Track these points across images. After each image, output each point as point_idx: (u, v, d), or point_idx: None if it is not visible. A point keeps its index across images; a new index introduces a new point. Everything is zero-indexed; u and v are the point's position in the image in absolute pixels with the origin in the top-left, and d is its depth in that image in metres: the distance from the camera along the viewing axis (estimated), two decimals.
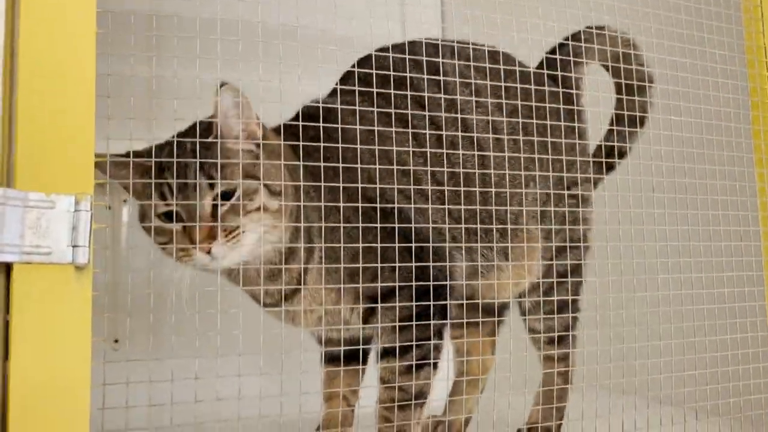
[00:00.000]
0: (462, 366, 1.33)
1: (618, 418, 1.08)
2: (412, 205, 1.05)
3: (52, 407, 0.76)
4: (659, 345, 1.14)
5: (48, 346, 0.75)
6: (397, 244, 0.99)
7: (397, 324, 1.03)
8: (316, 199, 1.01)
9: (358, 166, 1.00)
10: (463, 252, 1.08)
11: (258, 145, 0.99)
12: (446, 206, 1.07)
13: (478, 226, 1.08)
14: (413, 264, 1.01)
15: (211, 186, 0.94)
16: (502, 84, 1.13)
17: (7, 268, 0.75)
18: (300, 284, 1.02)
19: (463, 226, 1.08)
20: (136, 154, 0.95)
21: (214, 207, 0.94)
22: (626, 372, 1.09)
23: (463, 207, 1.07)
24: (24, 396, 0.75)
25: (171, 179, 0.93)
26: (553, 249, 1.18)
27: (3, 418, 0.76)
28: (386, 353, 1.05)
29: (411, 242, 1.02)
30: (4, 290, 0.76)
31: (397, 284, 1.01)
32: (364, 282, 1.00)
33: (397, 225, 1.01)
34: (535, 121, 1.11)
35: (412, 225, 1.04)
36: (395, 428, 1.01)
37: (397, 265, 0.99)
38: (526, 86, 1.14)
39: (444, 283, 1.05)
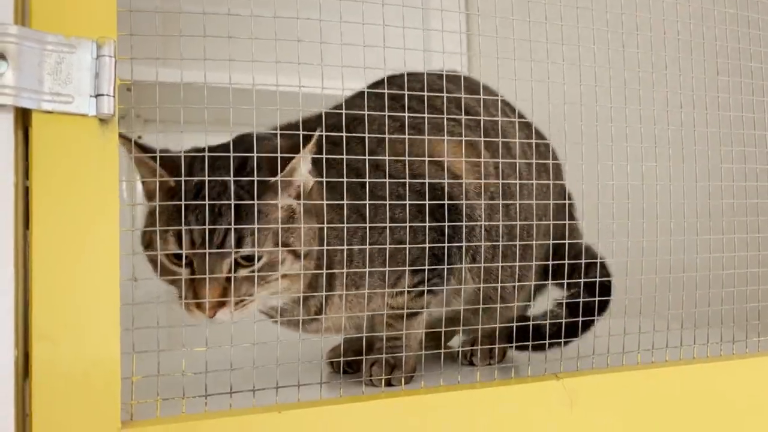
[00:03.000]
0: None
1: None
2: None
3: (78, 278, 0.69)
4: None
5: (72, 208, 0.69)
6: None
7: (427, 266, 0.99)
8: (336, 221, 0.92)
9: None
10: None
11: (298, 203, 0.89)
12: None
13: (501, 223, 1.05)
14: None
15: (238, 245, 0.81)
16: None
17: (25, 122, 0.68)
18: (319, 314, 0.96)
19: (483, 202, 1.04)
20: (166, 158, 0.82)
21: (230, 269, 0.82)
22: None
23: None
24: (47, 268, 0.68)
25: (195, 223, 0.80)
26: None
27: (26, 290, 0.69)
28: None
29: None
30: (23, 152, 0.69)
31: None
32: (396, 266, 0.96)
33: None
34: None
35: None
36: (403, 337, 1.00)
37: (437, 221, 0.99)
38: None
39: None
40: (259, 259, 0.83)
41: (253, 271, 0.83)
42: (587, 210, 1.03)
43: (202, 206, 0.80)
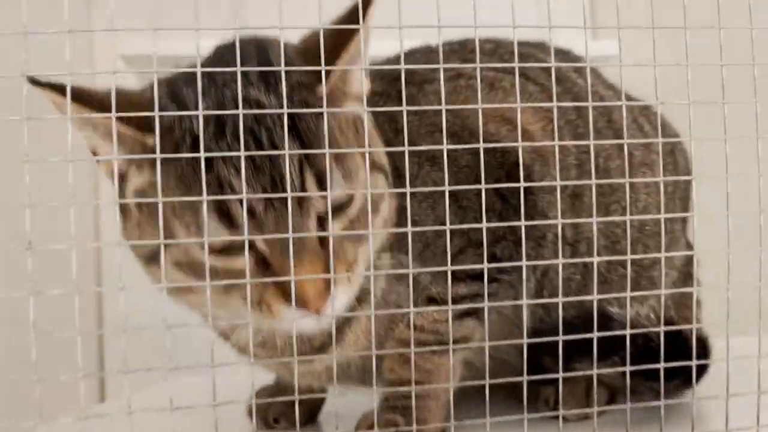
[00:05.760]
0: None
1: None
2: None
3: None
4: None
5: None
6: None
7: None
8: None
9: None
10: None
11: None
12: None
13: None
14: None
15: (320, 190, 0.52)
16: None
17: None
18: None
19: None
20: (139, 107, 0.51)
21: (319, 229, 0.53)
22: None
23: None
24: None
25: (255, 188, 0.50)
26: None
27: None
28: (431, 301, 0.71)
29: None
30: None
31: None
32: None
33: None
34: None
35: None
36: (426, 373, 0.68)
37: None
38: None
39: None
40: (349, 203, 0.54)
41: (351, 220, 0.54)
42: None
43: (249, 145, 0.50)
